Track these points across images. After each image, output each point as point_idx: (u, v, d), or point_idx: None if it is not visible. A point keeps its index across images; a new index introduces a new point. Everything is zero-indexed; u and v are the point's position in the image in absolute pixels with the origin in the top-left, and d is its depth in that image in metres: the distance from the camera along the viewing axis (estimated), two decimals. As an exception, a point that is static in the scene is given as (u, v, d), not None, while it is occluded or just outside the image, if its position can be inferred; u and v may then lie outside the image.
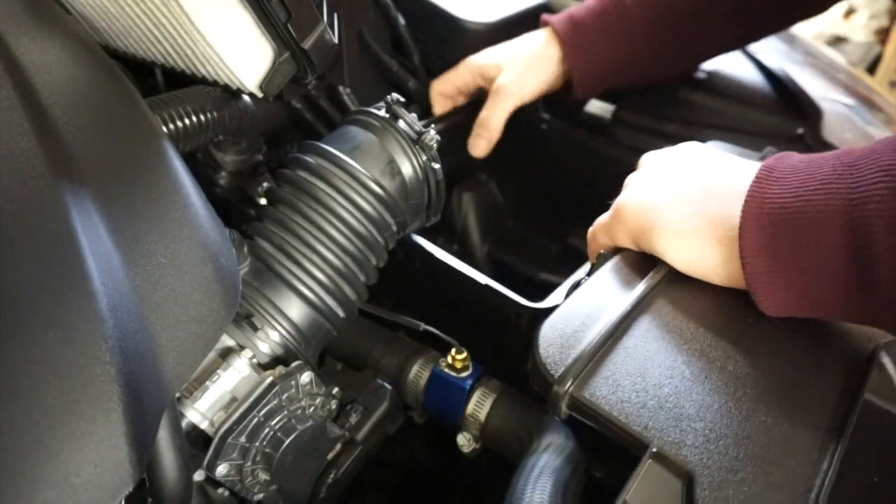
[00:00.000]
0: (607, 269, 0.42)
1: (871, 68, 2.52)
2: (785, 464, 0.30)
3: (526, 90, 0.69)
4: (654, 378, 0.32)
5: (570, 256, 0.77)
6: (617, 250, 0.44)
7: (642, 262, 0.41)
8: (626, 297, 0.37)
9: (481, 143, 0.70)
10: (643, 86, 0.73)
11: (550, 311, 0.38)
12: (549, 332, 0.35)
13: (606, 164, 0.73)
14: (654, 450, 0.29)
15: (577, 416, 0.33)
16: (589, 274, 0.44)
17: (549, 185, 0.81)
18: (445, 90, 0.73)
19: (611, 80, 0.70)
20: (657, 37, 0.66)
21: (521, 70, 0.68)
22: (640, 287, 0.38)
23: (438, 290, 0.54)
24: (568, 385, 0.32)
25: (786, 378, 0.34)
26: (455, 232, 0.84)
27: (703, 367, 0.33)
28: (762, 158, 0.56)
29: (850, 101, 0.76)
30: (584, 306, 0.37)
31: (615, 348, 0.34)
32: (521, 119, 0.76)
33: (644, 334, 0.35)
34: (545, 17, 0.70)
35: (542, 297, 0.49)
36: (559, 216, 0.80)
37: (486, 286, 0.50)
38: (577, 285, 0.43)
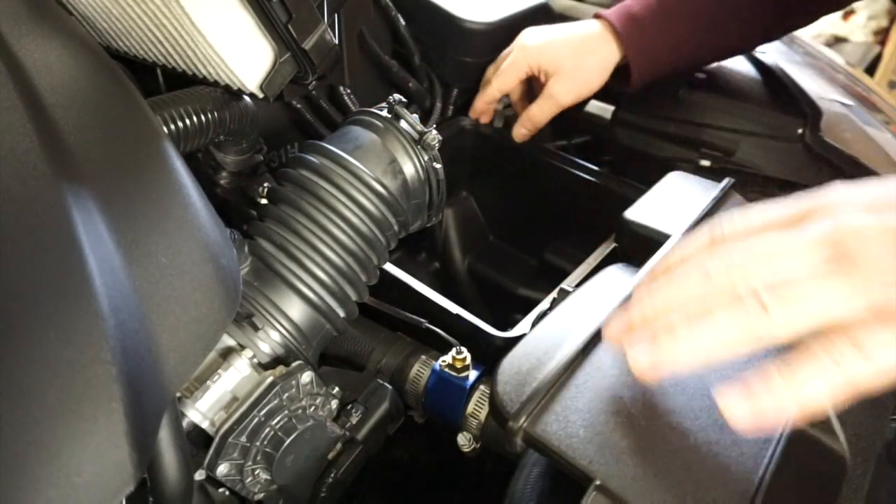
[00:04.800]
0: (564, 307, 0.44)
1: (871, 69, 2.52)
2: (717, 494, 0.32)
3: (576, 98, 0.71)
4: (601, 414, 0.35)
5: (547, 271, 0.78)
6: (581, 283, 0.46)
7: (598, 298, 0.44)
8: (580, 335, 0.40)
9: (524, 132, 0.74)
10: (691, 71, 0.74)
11: (516, 340, 0.41)
12: (507, 368, 0.38)
13: (580, 183, 0.74)
14: (598, 482, 0.32)
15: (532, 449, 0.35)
16: (550, 309, 0.46)
17: (527, 203, 0.82)
18: (506, 86, 0.73)
19: (667, 71, 0.70)
20: (718, 26, 0.66)
21: (577, 80, 0.70)
22: (594, 324, 0.40)
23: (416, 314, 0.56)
24: (522, 421, 0.35)
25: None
26: (436, 248, 0.85)
27: (648, 403, 0.36)
28: (724, 189, 0.56)
29: (849, 101, 0.76)
30: (540, 343, 0.40)
31: (567, 385, 0.37)
32: (498, 139, 0.79)
33: (595, 371, 0.38)
34: (600, 12, 0.70)
35: (522, 312, 0.51)
36: (537, 232, 0.82)
37: (457, 315, 0.51)
38: (541, 316, 0.45)
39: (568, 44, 0.70)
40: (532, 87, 0.77)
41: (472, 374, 0.47)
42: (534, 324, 0.47)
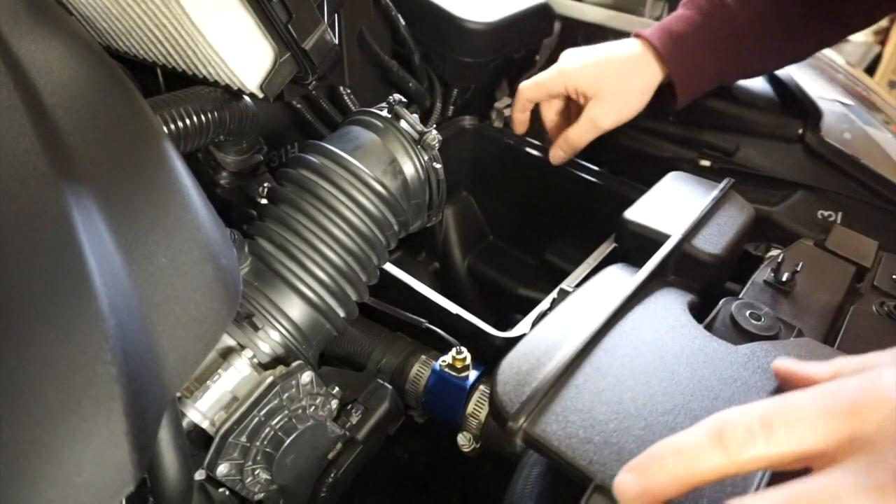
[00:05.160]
0: (564, 307, 0.44)
1: (871, 69, 2.52)
2: (715, 493, 0.32)
3: (617, 122, 0.69)
4: (600, 414, 0.35)
5: (547, 271, 0.78)
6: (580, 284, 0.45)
7: (597, 298, 0.44)
8: (579, 335, 0.40)
9: (561, 155, 0.72)
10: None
11: (516, 340, 0.41)
12: (506, 369, 0.38)
13: (581, 184, 0.74)
14: (598, 483, 0.32)
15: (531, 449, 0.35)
16: (550, 309, 0.47)
17: (527, 203, 0.82)
18: (536, 96, 0.71)
19: (710, 86, 0.68)
20: (764, 40, 0.64)
21: (618, 103, 0.67)
22: (594, 324, 0.41)
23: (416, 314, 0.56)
24: (521, 421, 0.35)
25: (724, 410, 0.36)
26: (436, 248, 0.85)
27: (647, 402, 0.36)
28: (723, 189, 0.56)
29: (849, 101, 0.76)
30: (540, 344, 0.40)
31: (567, 385, 0.37)
32: (498, 139, 0.79)
33: (594, 371, 0.38)
34: (640, 32, 0.68)
35: (522, 312, 0.51)
36: (537, 232, 0.82)
37: (457, 315, 0.51)
38: (541, 316, 0.45)
39: (607, 65, 0.67)
40: (567, 109, 0.75)
41: (472, 374, 0.47)
42: (534, 324, 0.47)
